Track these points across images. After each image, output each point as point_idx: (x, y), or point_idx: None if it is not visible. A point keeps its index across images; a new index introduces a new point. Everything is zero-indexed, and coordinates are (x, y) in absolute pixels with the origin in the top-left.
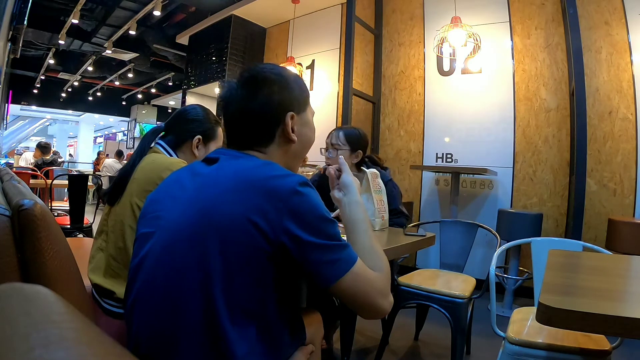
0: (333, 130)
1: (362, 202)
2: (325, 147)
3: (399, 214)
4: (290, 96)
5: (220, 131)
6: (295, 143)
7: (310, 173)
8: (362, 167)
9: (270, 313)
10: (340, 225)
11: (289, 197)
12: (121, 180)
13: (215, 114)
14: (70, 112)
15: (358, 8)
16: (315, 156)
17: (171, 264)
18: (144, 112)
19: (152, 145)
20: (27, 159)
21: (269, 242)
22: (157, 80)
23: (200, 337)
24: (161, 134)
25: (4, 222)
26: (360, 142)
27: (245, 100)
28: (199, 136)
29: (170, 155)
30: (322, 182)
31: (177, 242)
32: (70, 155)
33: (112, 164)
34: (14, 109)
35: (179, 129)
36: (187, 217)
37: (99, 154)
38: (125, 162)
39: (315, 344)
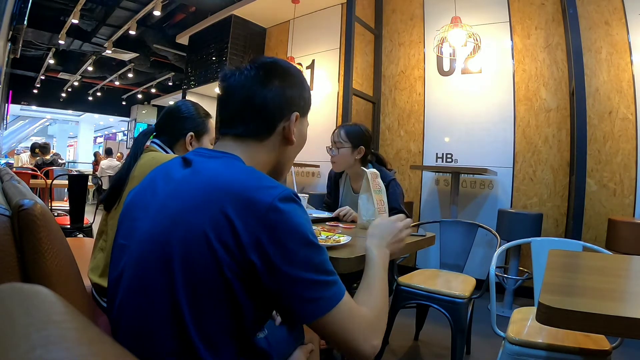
0: (336, 128)
1: (384, 252)
2: (329, 145)
3: (400, 213)
4: (301, 96)
5: (211, 123)
6: (293, 145)
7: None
8: (362, 167)
9: (250, 331)
10: (341, 225)
11: (265, 214)
12: (117, 185)
13: (215, 111)
14: (70, 112)
15: (358, 8)
16: (316, 156)
17: (141, 289)
18: (144, 112)
19: (148, 143)
20: (22, 161)
21: (234, 259)
22: (157, 80)
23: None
24: (152, 134)
25: (4, 222)
26: (362, 138)
27: (258, 85)
28: (191, 133)
29: (168, 153)
30: (329, 179)
31: (145, 262)
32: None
33: (108, 164)
34: (14, 109)
35: (171, 128)
36: (154, 233)
37: (95, 155)
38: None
39: (314, 343)
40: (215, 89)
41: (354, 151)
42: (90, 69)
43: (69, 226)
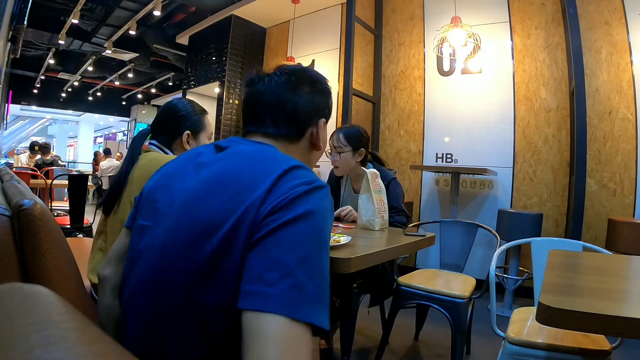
0: (334, 131)
1: None
2: (329, 149)
3: (400, 212)
4: (327, 104)
5: (207, 119)
6: (319, 151)
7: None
8: (362, 168)
9: None
10: (341, 225)
11: (293, 201)
12: (115, 188)
13: (215, 111)
14: (70, 112)
15: (358, 8)
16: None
17: (163, 266)
18: (144, 112)
19: (146, 144)
20: (22, 162)
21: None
22: (157, 80)
23: (192, 341)
24: (149, 135)
25: (4, 222)
26: (361, 140)
27: (289, 91)
28: (188, 132)
29: (167, 154)
30: (330, 178)
31: (170, 245)
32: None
33: (107, 164)
34: (14, 109)
35: (167, 127)
36: (181, 216)
37: (96, 154)
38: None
39: (313, 342)
40: (215, 88)
41: (354, 154)
42: (90, 69)
43: (69, 226)
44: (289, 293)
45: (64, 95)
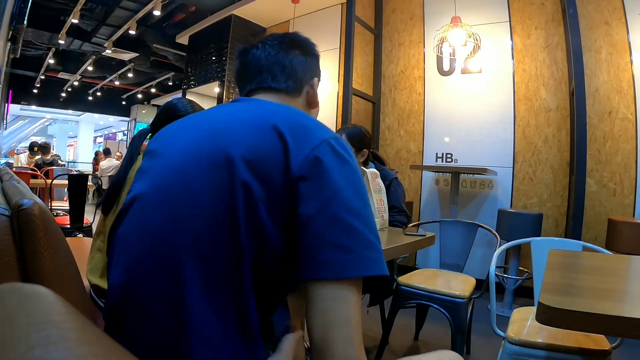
0: (336, 132)
1: None
2: None
3: (401, 212)
4: (317, 65)
5: None
6: (316, 109)
7: None
8: (362, 168)
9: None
10: None
11: (323, 150)
12: (114, 188)
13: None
14: (70, 112)
15: (358, 8)
16: None
17: (166, 209)
18: (144, 112)
19: (146, 143)
20: (21, 162)
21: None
22: (157, 80)
23: (168, 311)
24: (148, 135)
25: (3, 221)
26: (364, 141)
27: (283, 52)
28: None
29: None
30: None
31: (187, 168)
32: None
33: (107, 164)
34: (14, 108)
35: None
36: (197, 145)
37: (96, 154)
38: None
39: (296, 327)
40: (215, 88)
41: (357, 155)
42: (90, 68)
43: (68, 226)
44: (367, 254)
45: (64, 95)
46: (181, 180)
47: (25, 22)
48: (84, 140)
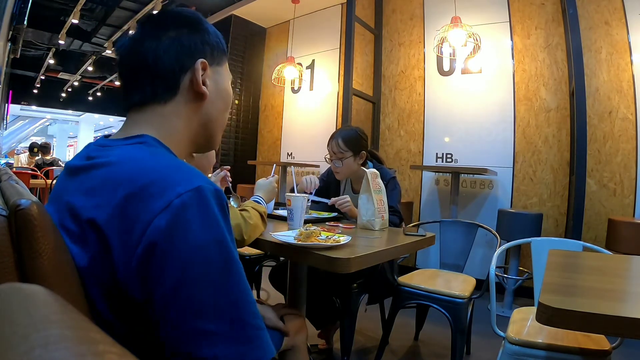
0: (331, 137)
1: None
2: (328, 155)
3: (395, 212)
4: (204, 41)
5: None
6: (208, 99)
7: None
8: (361, 168)
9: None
10: (341, 225)
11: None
12: None
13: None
14: (70, 112)
15: (358, 8)
16: (315, 156)
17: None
18: None
19: None
20: (21, 162)
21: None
22: None
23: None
24: None
25: (1, 222)
26: (361, 143)
27: (149, 41)
28: None
29: None
30: (330, 180)
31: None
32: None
33: None
34: (14, 109)
35: None
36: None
37: None
38: None
39: (300, 347)
40: None
41: (356, 158)
42: (90, 69)
43: None
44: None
45: (64, 95)
46: None
47: (25, 22)
48: (84, 140)
